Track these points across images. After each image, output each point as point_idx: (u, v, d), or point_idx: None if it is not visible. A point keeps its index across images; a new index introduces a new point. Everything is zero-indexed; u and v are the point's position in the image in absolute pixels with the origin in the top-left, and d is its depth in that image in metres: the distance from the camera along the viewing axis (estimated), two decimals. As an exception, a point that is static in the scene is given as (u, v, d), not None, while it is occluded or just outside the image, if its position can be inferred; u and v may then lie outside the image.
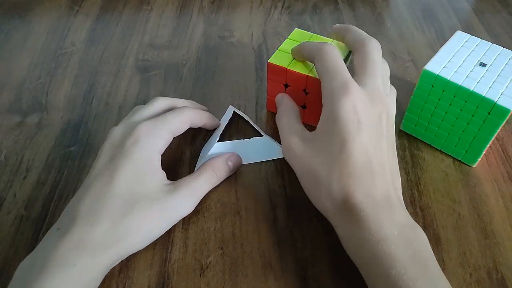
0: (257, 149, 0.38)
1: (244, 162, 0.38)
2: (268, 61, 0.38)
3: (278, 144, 0.39)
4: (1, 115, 0.42)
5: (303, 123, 0.37)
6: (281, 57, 0.38)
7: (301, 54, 0.37)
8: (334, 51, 0.33)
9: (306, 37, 0.40)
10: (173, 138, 0.35)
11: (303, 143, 0.32)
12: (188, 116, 0.36)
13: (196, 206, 0.35)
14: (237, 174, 0.37)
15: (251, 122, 0.41)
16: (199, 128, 0.40)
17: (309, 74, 0.36)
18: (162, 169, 0.33)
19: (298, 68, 0.37)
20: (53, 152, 0.39)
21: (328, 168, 0.29)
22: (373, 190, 0.28)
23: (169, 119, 0.34)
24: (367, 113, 0.30)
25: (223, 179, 0.36)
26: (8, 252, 0.32)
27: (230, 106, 0.43)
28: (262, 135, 0.40)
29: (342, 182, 0.29)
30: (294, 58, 0.38)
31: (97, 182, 0.30)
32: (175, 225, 0.34)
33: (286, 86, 0.38)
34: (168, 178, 0.33)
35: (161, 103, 0.37)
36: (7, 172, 0.37)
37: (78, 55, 0.49)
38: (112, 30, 0.53)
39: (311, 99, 0.38)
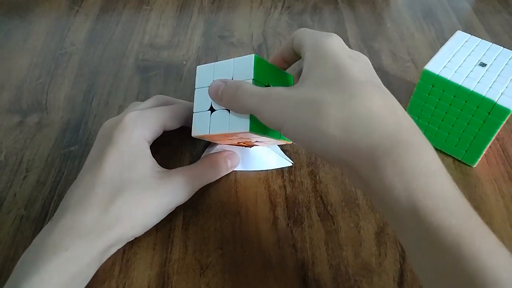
0: (258, 158, 0.38)
1: (243, 169, 0.38)
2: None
3: (281, 154, 0.39)
4: (1, 115, 0.42)
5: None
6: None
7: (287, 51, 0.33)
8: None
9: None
10: (174, 137, 0.35)
11: (289, 89, 0.28)
12: (181, 111, 0.35)
13: (196, 206, 0.35)
14: (237, 174, 0.37)
15: None
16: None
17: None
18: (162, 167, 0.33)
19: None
20: (53, 152, 0.39)
21: (332, 91, 0.25)
22: (396, 108, 0.25)
23: (159, 110, 0.34)
24: (357, 56, 0.28)
25: (220, 176, 0.36)
26: (8, 252, 0.32)
27: None
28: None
29: (356, 100, 0.24)
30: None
31: (87, 173, 0.31)
32: (175, 225, 0.34)
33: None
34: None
35: (159, 99, 0.37)
36: (7, 172, 0.37)
37: (78, 55, 0.49)
38: (112, 30, 0.53)
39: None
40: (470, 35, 0.39)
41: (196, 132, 0.33)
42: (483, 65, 0.36)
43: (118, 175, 0.30)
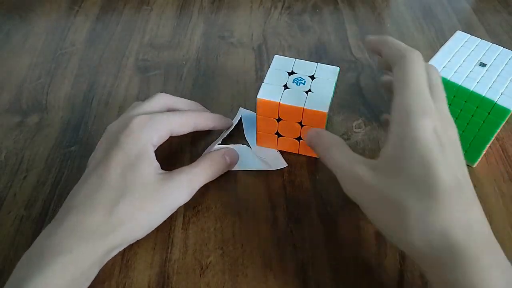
0: (253, 157, 0.38)
1: (242, 168, 0.37)
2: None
3: (278, 156, 0.38)
4: (1, 115, 0.42)
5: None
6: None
7: (378, 49, 0.33)
8: (420, 63, 0.29)
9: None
10: (174, 137, 0.35)
11: (373, 171, 0.27)
12: (191, 119, 0.36)
13: (196, 206, 0.35)
14: (237, 174, 0.37)
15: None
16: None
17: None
18: (162, 169, 0.33)
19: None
20: (53, 152, 0.39)
21: (416, 196, 0.25)
22: (472, 224, 0.25)
23: (169, 116, 0.34)
24: (447, 137, 0.27)
25: (220, 174, 0.36)
26: (8, 252, 0.32)
27: (240, 108, 0.42)
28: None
29: (437, 213, 0.24)
30: (370, 49, 0.34)
31: (92, 174, 0.31)
32: (175, 225, 0.34)
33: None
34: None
35: (162, 99, 0.37)
36: (7, 172, 0.37)
37: (78, 55, 0.49)
38: (112, 30, 0.53)
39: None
40: (470, 35, 0.39)
41: (263, 96, 0.35)
42: (483, 65, 0.36)
43: (123, 177, 0.30)
